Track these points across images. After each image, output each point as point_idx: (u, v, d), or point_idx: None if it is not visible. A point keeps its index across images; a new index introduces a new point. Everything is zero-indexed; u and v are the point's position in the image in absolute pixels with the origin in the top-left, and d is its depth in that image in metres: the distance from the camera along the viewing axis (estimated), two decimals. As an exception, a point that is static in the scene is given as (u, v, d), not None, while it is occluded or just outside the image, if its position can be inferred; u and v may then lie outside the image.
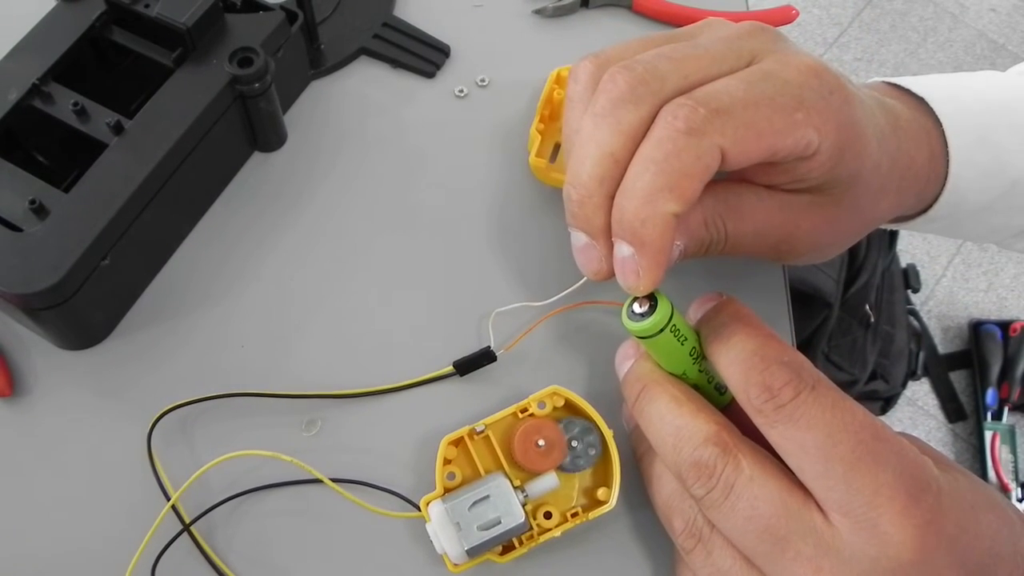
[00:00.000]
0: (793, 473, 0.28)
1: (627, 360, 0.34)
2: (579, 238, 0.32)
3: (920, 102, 0.39)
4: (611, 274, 0.32)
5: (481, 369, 0.39)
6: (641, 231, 0.29)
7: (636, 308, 0.31)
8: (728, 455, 0.29)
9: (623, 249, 0.30)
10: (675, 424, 0.30)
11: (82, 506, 0.37)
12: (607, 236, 0.31)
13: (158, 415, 0.37)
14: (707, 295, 0.33)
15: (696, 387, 0.32)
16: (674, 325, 0.31)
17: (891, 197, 0.36)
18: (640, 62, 0.30)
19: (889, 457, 0.26)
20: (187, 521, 0.35)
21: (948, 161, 0.38)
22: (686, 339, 0.31)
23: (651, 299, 0.31)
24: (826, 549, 0.27)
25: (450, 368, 0.39)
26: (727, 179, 0.34)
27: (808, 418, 0.27)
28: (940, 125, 0.38)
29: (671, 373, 0.32)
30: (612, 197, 0.30)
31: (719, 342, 0.30)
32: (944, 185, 0.38)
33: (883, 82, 0.40)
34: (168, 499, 0.36)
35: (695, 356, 0.32)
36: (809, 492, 0.28)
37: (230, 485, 0.37)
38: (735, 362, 0.29)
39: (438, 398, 0.39)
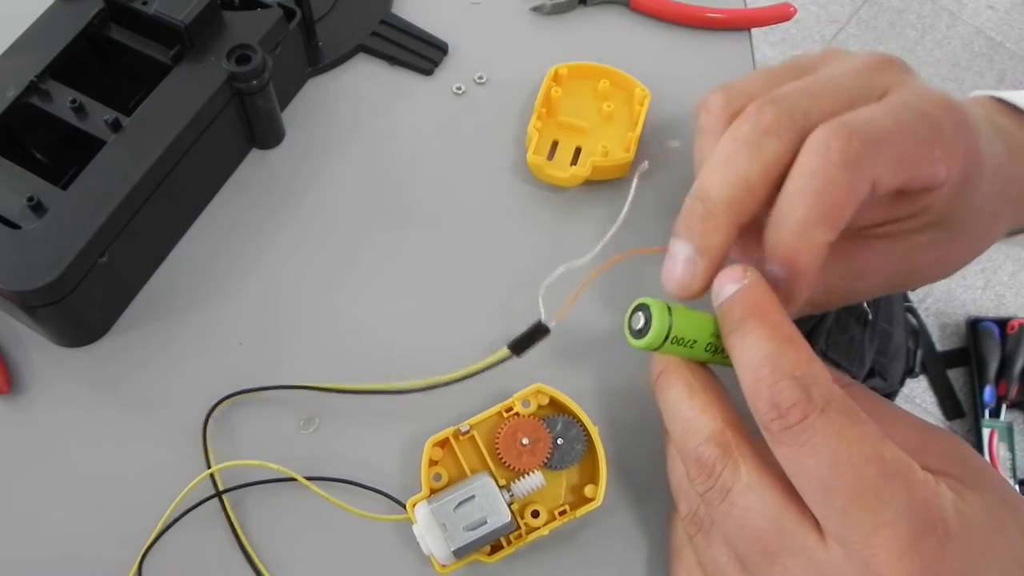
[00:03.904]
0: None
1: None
2: (682, 250, 0.31)
3: (1022, 115, 0.38)
4: (698, 293, 0.31)
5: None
6: (796, 259, 0.29)
7: (634, 324, 0.31)
8: (728, 458, 0.28)
9: (776, 271, 0.30)
10: (684, 415, 0.30)
11: (80, 504, 0.37)
12: (714, 256, 0.31)
13: (213, 404, 0.38)
14: (731, 271, 0.31)
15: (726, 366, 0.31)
16: (676, 336, 0.30)
17: (1005, 222, 0.36)
18: (786, 96, 0.31)
19: (893, 495, 0.25)
20: (172, 518, 0.35)
21: None
22: (695, 342, 0.31)
23: (646, 313, 0.30)
24: (816, 571, 0.26)
25: (506, 351, 0.37)
26: (846, 234, 0.33)
27: (813, 444, 0.26)
28: None
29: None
30: (735, 224, 0.30)
31: (735, 337, 0.29)
32: None
33: (988, 97, 0.40)
34: (215, 490, 0.36)
35: (712, 350, 0.31)
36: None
37: (225, 481, 0.37)
38: (747, 368, 0.28)
39: (434, 398, 0.39)
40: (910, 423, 0.31)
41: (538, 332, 0.37)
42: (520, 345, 0.37)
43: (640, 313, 0.30)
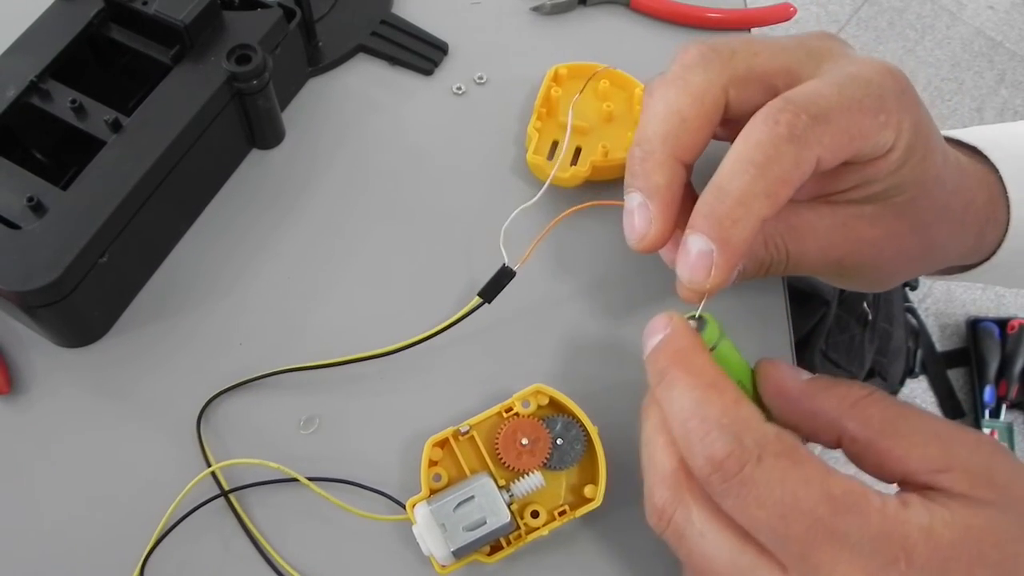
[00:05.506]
0: None
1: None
2: (633, 199, 0.31)
3: (972, 151, 0.38)
4: (657, 239, 0.31)
5: (470, 367, 0.39)
6: (730, 231, 0.28)
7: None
8: (679, 502, 0.28)
9: (702, 243, 0.28)
10: (648, 452, 0.30)
11: (81, 504, 0.37)
12: (663, 196, 0.30)
13: (206, 402, 0.38)
14: (656, 321, 0.30)
15: None
16: (719, 352, 0.30)
17: (954, 225, 0.35)
18: (713, 40, 0.31)
19: (850, 530, 0.25)
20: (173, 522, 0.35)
21: (1008, 204, 0.37)
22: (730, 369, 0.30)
23: (700, 322, 0.30)
24: None
25: (478, 300, 0.37)
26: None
27: (756, 495, 0.25)
28: (996, 171, 0.37)
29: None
30: (676, 158, 0.30)
31: (661, 390, 0.29)
32: (1007, 230, 0.38)
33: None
34: (222, 491, 0.36)
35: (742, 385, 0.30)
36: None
37: (224, 481, 0.37)
38: (675, 420, 0.28)
39: (433, 396, 0.39)
40: (933, 435, 0.28)
41: (504, 276, 0.37)
42: (489, 291, 0.37)
43: (693, 322, 0.30)
